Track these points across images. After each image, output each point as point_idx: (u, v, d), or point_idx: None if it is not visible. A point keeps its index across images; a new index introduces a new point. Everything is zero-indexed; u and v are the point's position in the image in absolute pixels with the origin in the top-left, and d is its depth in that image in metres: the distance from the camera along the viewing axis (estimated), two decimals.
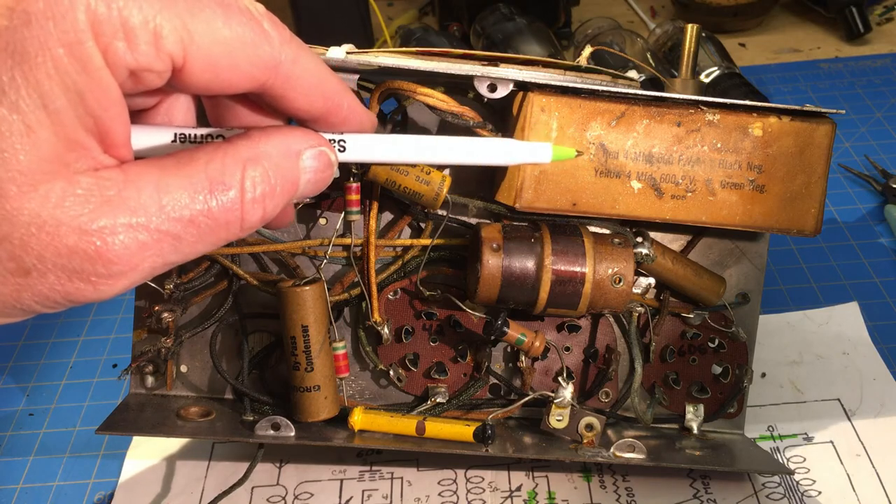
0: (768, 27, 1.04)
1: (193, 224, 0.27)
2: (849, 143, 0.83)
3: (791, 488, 0.53)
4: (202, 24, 0.26)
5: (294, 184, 0.30)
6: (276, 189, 0.29)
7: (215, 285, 0.52)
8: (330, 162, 0.32)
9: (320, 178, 0.32)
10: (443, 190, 0.47)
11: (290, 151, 0.30)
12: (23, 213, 0.24)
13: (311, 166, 0.31)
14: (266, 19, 0.29)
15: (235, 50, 0.28)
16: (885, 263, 0.69)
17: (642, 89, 0.47)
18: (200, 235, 0.28)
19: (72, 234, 0.25)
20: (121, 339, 0.67)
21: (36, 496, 0.56)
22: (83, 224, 0.25)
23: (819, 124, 0.47)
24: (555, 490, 0.53)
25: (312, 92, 0.31)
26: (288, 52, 0.29)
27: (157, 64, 0.26)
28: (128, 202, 0.26)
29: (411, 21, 1.09)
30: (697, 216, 0.47)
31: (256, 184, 0.29)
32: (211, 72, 0.27)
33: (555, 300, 0.47)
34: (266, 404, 0.52)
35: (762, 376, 0.60)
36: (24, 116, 0.24)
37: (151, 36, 0.25)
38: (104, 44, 0.25)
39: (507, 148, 0.36)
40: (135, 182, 0.26)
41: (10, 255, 0.25)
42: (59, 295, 0.26)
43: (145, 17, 0.25)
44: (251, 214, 0.29)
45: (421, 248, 0.51)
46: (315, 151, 0.31)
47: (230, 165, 0.28)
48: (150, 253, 0.27)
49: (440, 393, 0.52)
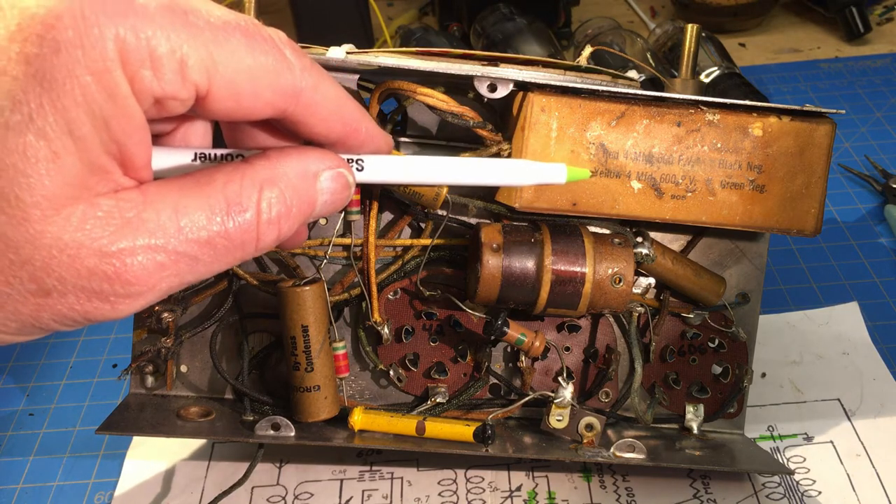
0: (768, 27, 1.04)
1: (210, 245, 0.28)
2: (849, 143, 0.83)
3: (791, 488, 0.53)
4: (227, 54, 0.27)
5: (311, 205, 0.31)
6: (293, 210, 0.30)
7: (215, 285, 0.52)
8: (347, 183, 0.32)
9: (338, 199, 0.32)
10: (443, 190, 0.47)
11: (307, 172, 0.30)
12: (45, 237, 0.25)
13: (328, 187, 0.31)
14: (288, 48, 0.29)
15: (258, 78, 0.28)
16: (885, 263, 0.69)
17: (642, 89, 0.47)
18: (217, 256, 0.28)
19: (92, 256, 0.25)
20: (121, 339, 0.67)
21: (36, 496, 0.56)
22: (103, 246, 0.25)
23: (819, 124, 0.47)
24: (555, 490, 0.53)
25: (331, 118, 0.31)
26: (308, 80, 0.29)
27: (182, 92, 0.26)
28: (147, 224, 0.26)
29: (411, 21, 1.09)
30: (697, 216, 0.47)
31: (272, 205, 0.29)
32: (234, 100, 0.28)
33: (555, 300, 0.47)
34: (266, 404, 0.52)
35: (762, 376, 0.60)
36: (51, 143, 0.24)
37: (178, 65, 0.26)
38: (131, 72, 0.25)
39: (522, 169, 0.36)
40: (154, 203, 0.27)
41: (32, 276, 0.25)
42: (78, 314, 0.26)
43: (172, 46, 0.25)
44: (266, 235, 0.29)
45: (421, 248, 0.51)
46: (333, 173, 0.31)
47: (247, 187, 0.28)
48: (168, 273, 0.27)
49: (440, 393, 0.52)
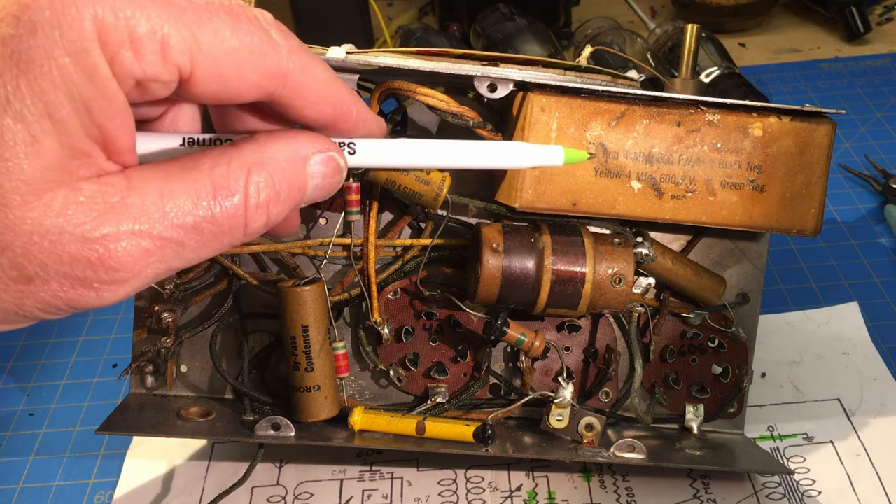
0: (768, 27, 1.04)
1: (197, 230, 0.27)
2: (849, 143, 0.83)
3: (791, 488, 0.53)
4: (210, 34, 0.26)
5: (300, 189, 0.30)
6: (281, 194, 0.29)
7: (215, 285, 0.52)
8: (339, 167, 0.31)
9: (329, 184, 0.31)
10: (443, 190, 0.47)
11: (297, 156, 0.30)
12: (26, 223, 0.24)
13: (318, 171, 0.30)
14: (274, 28, 0.28)
15: (243, 60, 0.27)
16: (885, 263, 0.69)
17: (642, 89, 0.47)
18: (204, 241, 0.27)
19: (74, 241, 0.25)
20: (121, 339, 0.67)
21: (36, 496, 0.56)
22: (86, 232, 0.25)
23: (819, 124, 0.47)
24: (555, 490, 0.53)
25: (321, 101, 0.31)
26: (296, 62, 0.29)
27: (164, 74, 0.26)
28: (131, 209, 0.26)
29: (411, 21, 1.09)
30: (697, 216, 0.47)
31: (261, 189, 0.28)
32: (218, 82, 0.27)
33: (555, 300, 0.47)
34: (266, 404, 0.52)
35: (762, 376, 0.60)
36: (29, 126, 0.24)
37: (159, 46, 0.25)
38: (111, 53, 0.25)
39: (518, 151, 0.36)
40: (138, 188, 0.26)
41: (13, 263, 0.25)
42: (62, 301, 0.26)
43: (153, 26, 0.25)
44: (255, 220, 0.28)
45: (421, 248, 0.51)
46: (323, 156, 0.30)
47: (235, 170, 0.28)
48: (154, 259, 0.26)
49: (440, 393, 0.52)
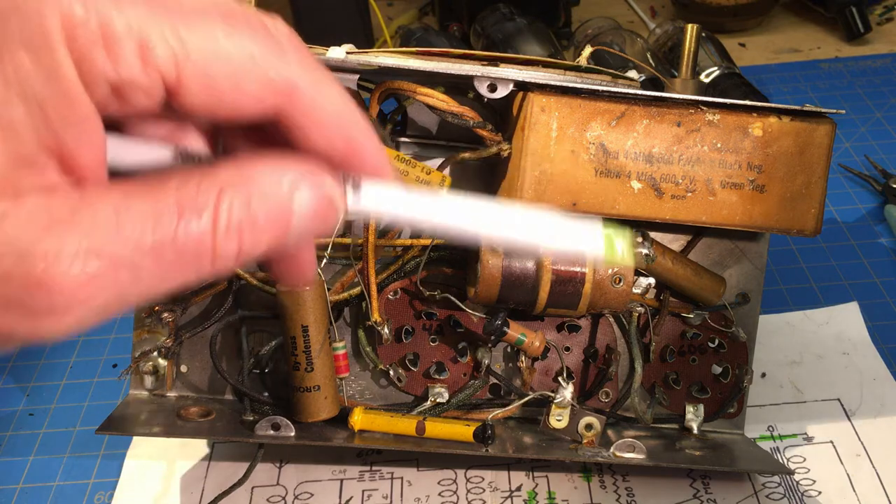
0: (768, 27, 1.04)
1: (156, 253, 0.22)
2: (849, 143, 0.83)
3: (791, 488, 0.53)
4: (199, 36, 0.23)
5: (283, 221, 0.25)
6: (258, 221, 0.24)
7: (215, 285, 0.52)
8: (332, 202, 0.26)
9: (320, 221, 0.25)
10: (443, 190, 0.47)
11: (282, 181, 0.24)
12: None
13: (307, 205, 0.25)
14: (284, 36, 0.25)
15: (240, 67, 0.24)
16: (885, 263, 0.69)
17: (642, 89, 0.47)
18: (164, 267, 0.23)
19: (8, 256, 0.21)
20: (121, 339, 0.67)
21: (36, 496, 0.56)
22: (24, 245, 0.21)
23: (819, 124, 0.47)
24: (555, 490, 0.53)
25: (332, 127, 0.26)
26: (305, 78, 0.25)
27: (142, 78, 0.22)
28: (80, 225, 0.22)
29: (411, 21, 1.09)
30: (697, 216, 0.47)
31: (233, 211, 0.23)
32: (211, 92, 0.23)
33: (555, 300, 0.47)
34: (266, 404, 0.52)
35: (762, 376, 0.60)
36: None
37: (136, 46, 0.22)
38: (79, 52, 0.21)
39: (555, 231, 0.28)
40: (92, 204, 0.22)
41: None
42: None
43: (129, 23, 0.22)
44: (224, 247, 0.23)
45: (421, 248, 0.51)
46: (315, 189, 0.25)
47: (205, 190, 0.23)
48: (103, 284, 0.22)
49: (440, 393, 0.52)
